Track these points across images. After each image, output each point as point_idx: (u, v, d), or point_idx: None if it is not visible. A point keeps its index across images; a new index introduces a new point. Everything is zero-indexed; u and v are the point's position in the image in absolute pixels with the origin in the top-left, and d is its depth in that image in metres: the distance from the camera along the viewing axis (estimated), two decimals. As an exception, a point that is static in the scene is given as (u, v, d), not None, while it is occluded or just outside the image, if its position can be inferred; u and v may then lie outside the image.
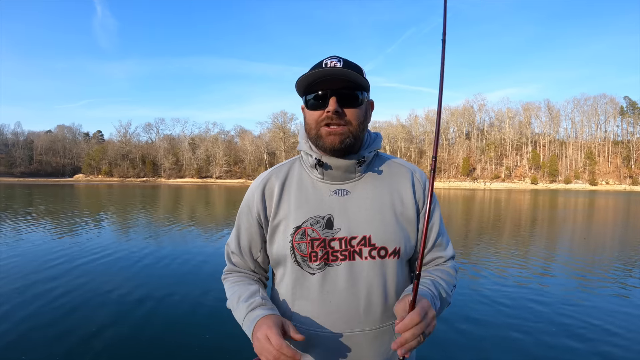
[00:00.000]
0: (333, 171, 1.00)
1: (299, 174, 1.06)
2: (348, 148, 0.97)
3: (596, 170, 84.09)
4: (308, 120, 0.99)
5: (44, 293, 4.84)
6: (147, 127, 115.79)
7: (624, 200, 32.68)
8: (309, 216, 0.98)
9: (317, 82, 0.94)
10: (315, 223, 0.97)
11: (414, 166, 1.09)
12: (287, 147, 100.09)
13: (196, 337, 3.62)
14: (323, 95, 0.94)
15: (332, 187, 1.01)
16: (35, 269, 6.07)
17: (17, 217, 13.45)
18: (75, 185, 59.08)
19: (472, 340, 3.64)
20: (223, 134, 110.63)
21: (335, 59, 0.95)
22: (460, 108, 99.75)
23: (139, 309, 4.36)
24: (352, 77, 0.92)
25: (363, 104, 0.97)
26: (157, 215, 14.95)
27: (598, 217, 17.16)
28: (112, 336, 3.64)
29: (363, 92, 0.97)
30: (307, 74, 0.93)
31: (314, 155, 0.99)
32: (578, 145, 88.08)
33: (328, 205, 0.99)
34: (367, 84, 0.96)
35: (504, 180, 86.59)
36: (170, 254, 7.26)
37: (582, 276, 6.06)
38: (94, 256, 7.05)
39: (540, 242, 9.74)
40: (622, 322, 4.10)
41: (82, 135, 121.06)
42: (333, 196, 1.00)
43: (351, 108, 0.95)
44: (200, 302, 4.60)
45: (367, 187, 1.02)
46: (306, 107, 0.99)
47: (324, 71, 0.92)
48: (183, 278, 5.64)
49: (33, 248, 7.75)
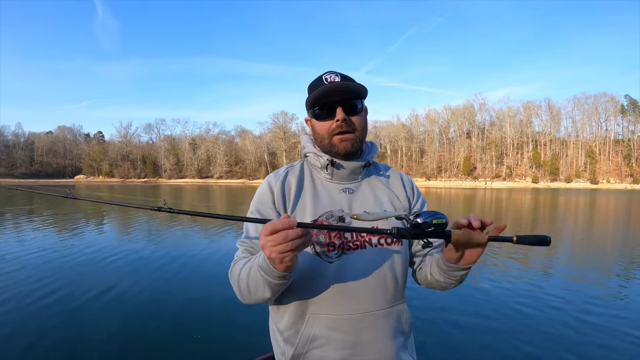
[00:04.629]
0: (342, 171, 1.13)
1: (309, 173, 1.17)
2: (356, 152, 1.13)
3: (597, 168, 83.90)
4: (318, 130, 1.12)
5: (38, 294, 4.86)
6: (147, 128, 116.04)
7: (625, 198, 32.62)
8: (324, 211, 1.08)
9: (322, 96, 1.07)
10: (329, 217, 1.08)
11: (401, 172, 1.29)
12: (288, 147, 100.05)
13: (197, 338, 3.63)
14: (330, 106, 1.08)
15: (340, 186, 1.14)
16: (35, 271, 6.08)
17: (19, 218, 13.46)
18: (76, 186, 59.09)
19: (472, 337, 3.64)
20: (224, 134, 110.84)
21: (333, 74, 1.09)
22: (461, 107, 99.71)
23: (140, 309, 4.37)
24: (353, 88, 1.07)
25: (363, 110, 1.12)
26: (159, 215, 14.93)
27: (599, 216, 17.13)
28: (112, 336, 3.65)
29: (362, 101, 1.12)
30: (317, 91, 1.06)
31: (325, 157, 1.12)
32: (579, 144, 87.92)
33: (338, 202, 1.11)
34: (365, 92, 1.10)
35: (505, 180, 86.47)
36: (171, 255, 7.26)
37: (582, 276, 6.06)
38: (92, 257, 7.06)
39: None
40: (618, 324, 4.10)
41: (83, 136, 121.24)
42: (341, 194, 1.12)
43: (355, 116, 1.10)
44: (199, 303, 4.62)
45: (369, 186, 1.17)
46: (315, 118, 1.13)
47: (331, 86, 1.05)
48: (185, 279, 5.64)
49: (34, 248, 7.76)
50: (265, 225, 0.82)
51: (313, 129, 1.16)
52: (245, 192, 38.84)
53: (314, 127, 1.14)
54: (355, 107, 1.09)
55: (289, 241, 0.80)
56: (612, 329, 3.91)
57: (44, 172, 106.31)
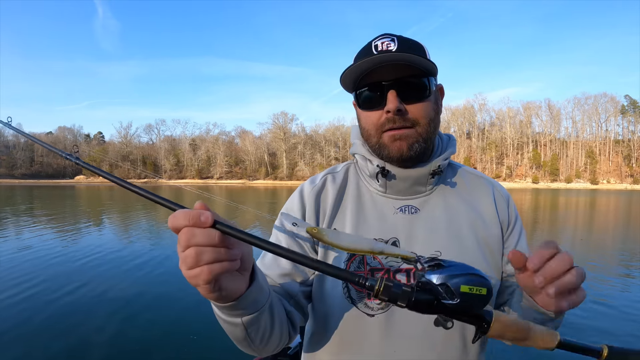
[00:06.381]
0: (399, 183, 0.80)
1: (355, 183, 0.86)
2: (419, 155, 0.78)
3: (597, 169, 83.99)
4: (364, 124, 0.80)
5: (37, 294, 4.86)
6: (147, 128, 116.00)
7: (625, 199, 32.63)
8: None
9: (369, 71, 0.75)
10: None
11: (493, 179, 0.90)
12: (288, 148, 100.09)
13: (193, 339, 3.63)
14: (378, 88, 0.75)
15: (397, 203, 0.82)
16: (35, 271, 6.09)
17: (18, 219, 13.48)
18: (76, 186, 59.19)
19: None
20: (224, 135, 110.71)
21: (387, 39, 0.75)
22: (461, 107, 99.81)
23: (136, 310, 4.37)
24: (414, 61, 0.72)
25: (431, 94, 0.77)
26: (159, 215, 14.96)
27: (599, 216, 17.13)
28: (112, 335, 3.65)
29: (430, 79, 0.76)
30: (351, 67, 0.75)
31: (375, 162, 0.80)
32: (579, 144, 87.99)
33: (392, 226, 0.80)
34: (433, 67, 0.75)
35: (505, 180, 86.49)
36: (169, 254, 7.27)
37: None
38: (91, 257, 7.06)
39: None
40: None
41: (83, 137, 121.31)
42: (398, 214, 0.81)
43: (417, 102, 0.75)
44: (195, 303, 4.62)
45: (441, 204, 0.82)
46: (358, 105, 0.81)
47: (374, 59, 0.72)
48: (182, 279, 5.63)
49: (34, 250, 7.77)
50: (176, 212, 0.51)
51: (358, 120, 0.84)
52: (245, 192, 38.85)
53: (359, 117, 0.83)
54: (418, 89, 0.75)
55: (192, 246, 0.48)
56: (612, 329, 3.91)
57: (44, 173, 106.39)
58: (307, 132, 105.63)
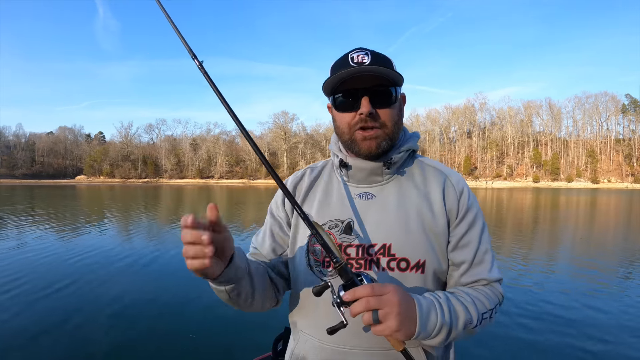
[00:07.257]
0: (357, 173, 0.93)
1: (329, 174, 1.01)
2: (386, 152, 0.91)
3: (598, 168, 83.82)
4: (339, 124, 0.91)
5: (38, 293, 4.87)
6: (148, 128, 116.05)
7: (626, 198, 32.57)
8: (329, 219, 0.92)
9: (343, 81, 0.87)
10: (333, 227, 0.91)
11: (450, 170, 0.97)
12: (289, 147, 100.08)
13: (192, 337, 3.63)
14: (353, 94, 0.86)
15: (357, 190, 0.95)
16: (35, 271, 6.09)
17: (19, 219, 13.49)
18: (77, 186, 59.20)
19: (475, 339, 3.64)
20: (224, 135, 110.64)
21: (362, 52, 0.86)
22: (462, 107, 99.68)
23: (135, 308, 4.38)
24: (384, 73, 0.84)
25: (397, 101, 0.90)
26: (158, 215, 14.97)
27: (600, 216, 17.10)
28: (112, 335, 3.66)
29: (397, 88, 0.89)
30: (337, 75, 0.85)
31: (339, 156, 0.94)
32: (580, 144, 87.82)
33: (349, 209, 0.92)
34: (400, 79, 0.87)
35: (506, 179, 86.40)
36: (169, 253, 7.27)
37: (584, 274, 6.05)
38: (90, 257, 7.07)
39: (542, 240, 9.72)
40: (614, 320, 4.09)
41: (84, 137, 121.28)
42: (357, 200, 0.93)
43: (385, 108, 0.87)
44: (195, 302, 4.62)
45: (395, 192, 0.92)
46: (334, 107, 0.92)
47: (351, 70, 0.83)
48: (181, 278, 5.64)
49: (35, 250, 7.78)
50: None
51: (333, 120, 0.94)
52: (245, 192, 38.84)
53: (334, 118, 0.93)
54: (386, 97, 0.87)
55: (185, 243, 0.67)
56: (613, 328, 3.91)
57: (45, 173, 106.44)
58: (308, 132, 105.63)
